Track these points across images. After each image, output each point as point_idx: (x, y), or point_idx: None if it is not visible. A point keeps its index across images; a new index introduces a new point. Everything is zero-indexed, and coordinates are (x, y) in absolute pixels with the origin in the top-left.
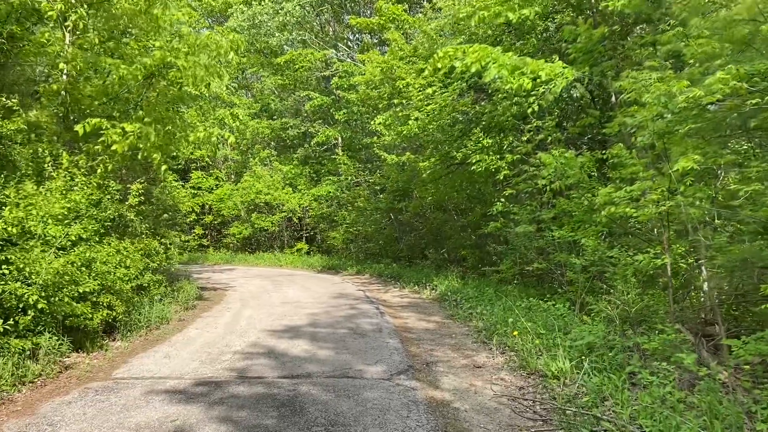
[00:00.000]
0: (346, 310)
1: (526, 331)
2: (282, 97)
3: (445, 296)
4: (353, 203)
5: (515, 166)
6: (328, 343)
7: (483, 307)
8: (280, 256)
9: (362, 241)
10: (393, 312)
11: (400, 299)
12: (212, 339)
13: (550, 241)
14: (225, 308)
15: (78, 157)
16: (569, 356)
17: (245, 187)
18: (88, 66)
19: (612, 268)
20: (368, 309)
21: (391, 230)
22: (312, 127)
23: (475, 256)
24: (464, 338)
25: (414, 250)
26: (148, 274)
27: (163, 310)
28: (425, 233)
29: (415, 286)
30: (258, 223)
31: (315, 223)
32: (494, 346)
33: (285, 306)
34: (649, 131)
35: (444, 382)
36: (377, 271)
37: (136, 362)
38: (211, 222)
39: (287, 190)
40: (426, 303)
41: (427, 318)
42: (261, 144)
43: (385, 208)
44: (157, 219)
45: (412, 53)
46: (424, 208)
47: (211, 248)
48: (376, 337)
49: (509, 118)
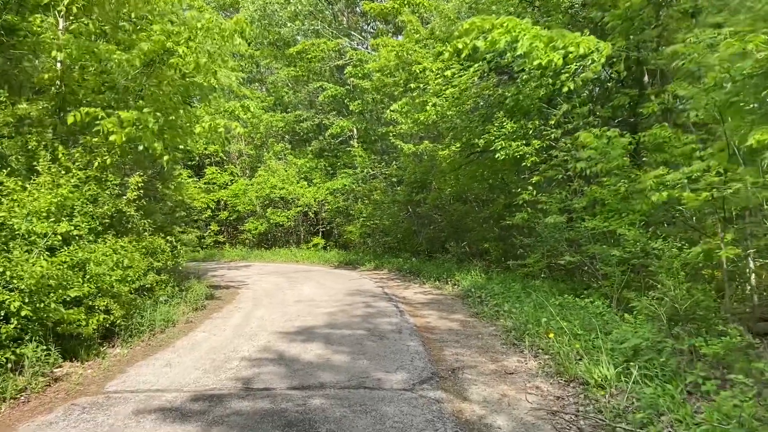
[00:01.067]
0: (364, 308)
1: (561, 331)
2: (295, 89)
3: (469, 292)
4: (369, 196)
5: (541, 152)
6: (343, 347)
7: (511, 304)
8: (297, 252)
9: (380, 235)
10: (413, 310)
11: (420, 296)
12: (219, 343)
13: (582, 232)
14: (236, 308)
15: (75, 149)
16: (613, 361)
17: (260, 182)
18: (82, 53)
19: (656, 260)
20: (387, 307)
21: (409, 223)
22: (326, 119)
23: (499, 249)
24: (492, 339)
25: (434, 244)
26: (152, 275)
27: (168, 312)
28: (445, 226)
29: (436, 281)
30: (273, 218)
31: (331, 218)
32: (526, 349)
33: (299, 305)
34: (708, 101)
35: (473, 392)
36: (396, 265)
37: (133, 372)
38: (226, 218)
39: (302, 184)
40: (448, 300)
41: (450, 316)
42: (275, 138)
43: (402, 200)
44: (164, 215)
45: (428, 36)
46: (444, 199)
47: (227, 244)
48: (395, 339)
49: (535, 101)
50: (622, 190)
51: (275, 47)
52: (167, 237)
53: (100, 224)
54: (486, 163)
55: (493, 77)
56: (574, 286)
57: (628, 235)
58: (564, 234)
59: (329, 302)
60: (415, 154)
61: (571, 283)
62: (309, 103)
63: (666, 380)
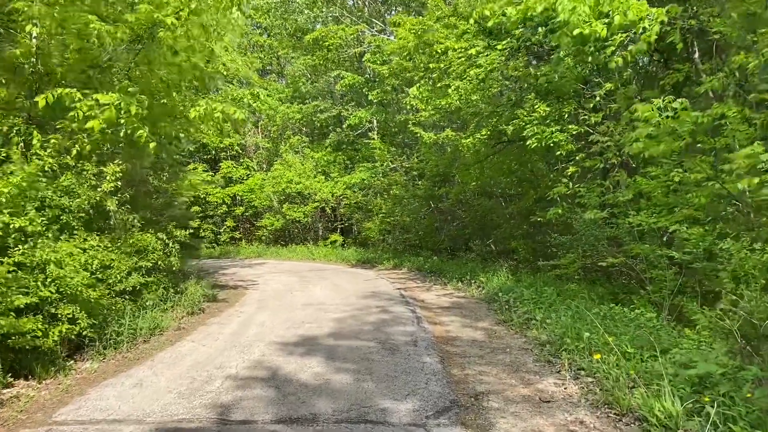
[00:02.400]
0: (377, 314)
1: (606, 347)
2: (313, 80)
3: (495, 296)
4: (389, 191)
5: (578, 140)
6: (347, 363)
7: (544, 311)
8: (314, 249)
9: (399, 232)
10: (432, 316)
11: (441, 299)
12: (206, 357)
13: (626, 230)
14: (237, 312)
15: (52, 135)
16: (678, 392)
17: (275, 176)
18: (59, 25)
19: (723, 264)
20: (403, 313)
21: (430, 220)
22: (344, 110)
23: (528, 248)
24: (522, 354)
25: (456, 242)
26: (136, 276)
27: (156, 318)
28: (469, 222)
29: (459, 282)
30: (290, 214)
31: (350, 214)
32: (564, 368)
33: (307, 309)
34: None
35: (501, 428)
36: (416, 264)
37: (94, 395)
38: (242, 214)
39: (319, 178)
40: (472, 304)
41: (473, 324)
42: (291, 130)
43: (423, 195)
44: (158, 210)
45: (451, 12)
46: (467, 194)
47: (243, 241)
48: (409, 353)
49: (572, 82)
50: (677, 179)
51: (294, 38)
52: (158, 234)
53: (74, 219)
54: (514, 153)
55: (523, 55)
56: (614, 290)
57: (686, 233)
58: (604, 231)
59: (340, 306)
60: (436, 143)
61: (609, 287)
62: (327, 93)
63: (754, 425)
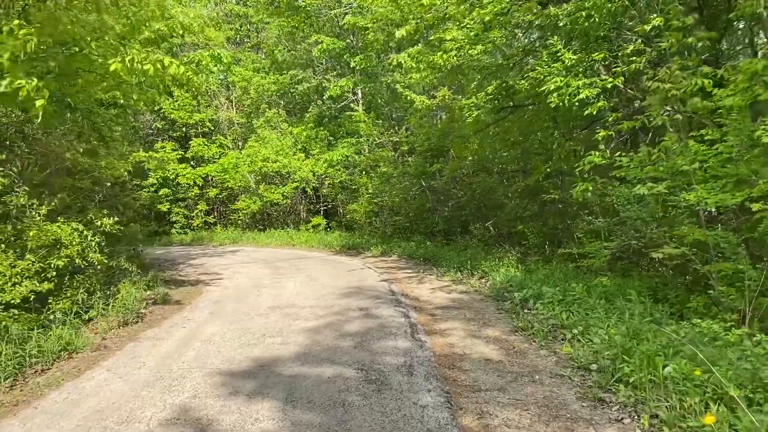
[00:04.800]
0: (361, 320)
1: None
2: (290, 47)
3: (503, 291)
4: (375, 168)
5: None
6: (313, 413)
7: (578, 317)
8: (294, 234)
9: (388, 214)
10: (429, 321)
11: (437, 294)
12: (115, 399)
13: (686, 209)
14: (183, 320)
15: None
16: None
17: (249, 154)
18: None
19: None
20: (393, 318)
21: (421, 200)
22: (325, 80)
23: (537, 232)
24: (559, 386)
25: (452, 224)
26: (28, 283)
27: (65, 337)
28: (466, 203)
29: (457, 272)
30: (267, 195)
31: (334, 195)
32: (625, 412)
33: (272, 315)
34: None
35: None
36: (407, 251)
37: None
38: (215, 196)
39: (299, 156)
40: (476, 301)
41: (482, 333)
42: (268, 104)
43: (414, 172)
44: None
45: None
46: (464, 170)
47: (218, 226)
48: (402, 389)
49: (604, 19)
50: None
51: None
52: (72, 224)
53: None
54: (523, 120)
55: None
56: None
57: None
58: (656, 212)
59: (314, 309)
60: (429, 113)
61: (647, 280)
62: (307, 63)
63: None
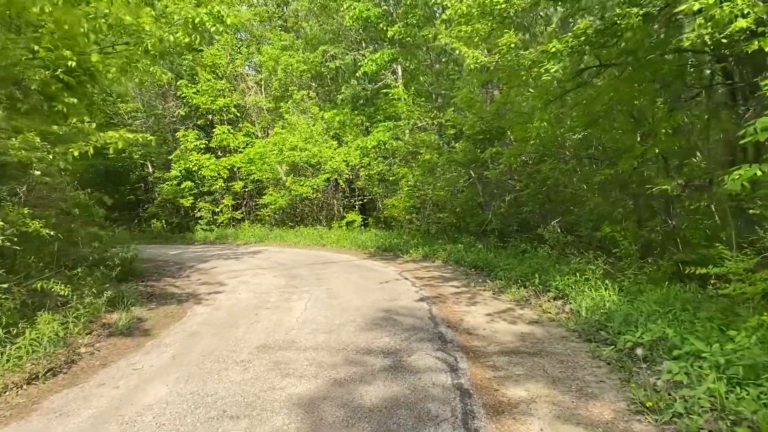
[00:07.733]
0: (384, 382)
1: None
2: (321, 21)
3: (599, 326)
4: (416, 156)
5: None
6: None
7: (753, 394)
8: (324, 233)
9: (431, 210)
10: (492, 382)
11: (499, 326)
12: None
13: None
14: (127, 371)
15: None
16: None
17: (275, 142)
18: None
19: None
20: (433, 377)
21: (471, 193)
22: (360, 56)
23: (632, 238)
24: None
25: (509, 222)
26: None
27: None
28: (528, 197)
29: (521, 287)
30: (295, 189)
31: (370, 187)
32: None
33: (255, 363)
34: None
35: None
36: (453, 255)
37: None
38: (242, 189)
39: (331, 143)
40: (557, 341)
41: (581, 411)
42: (297, 86)
43: (462, 160)
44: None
45: None
46: (525, 157)
47: (246, 222)
48: None
49: None
50: None
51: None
52: None
53: None
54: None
55: None
56: None
57: None
58: None
59: (320, 353)
60: (483, 74)
61: None
62: (339, 37)
63: None
